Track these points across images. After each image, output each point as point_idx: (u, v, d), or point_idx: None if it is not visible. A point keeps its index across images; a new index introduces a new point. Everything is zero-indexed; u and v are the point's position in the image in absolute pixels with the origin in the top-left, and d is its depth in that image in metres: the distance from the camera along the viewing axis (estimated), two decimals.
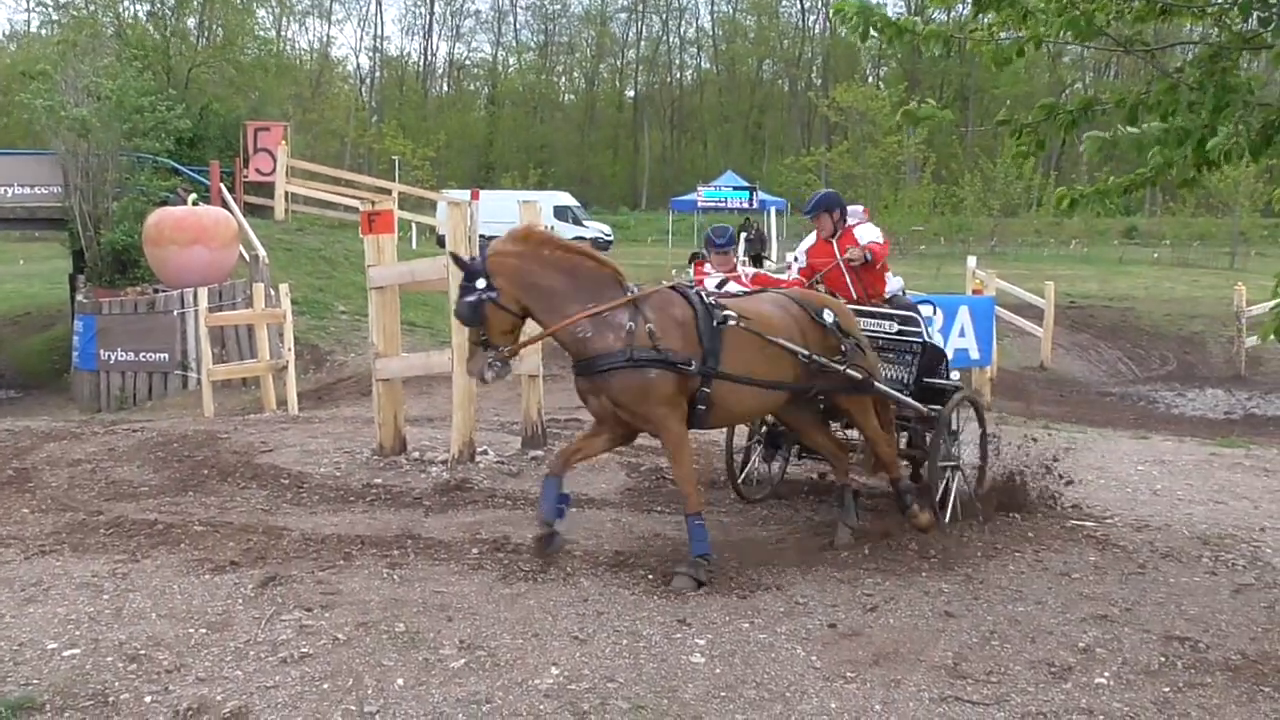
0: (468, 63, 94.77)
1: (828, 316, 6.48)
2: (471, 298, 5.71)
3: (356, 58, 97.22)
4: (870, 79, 72.01)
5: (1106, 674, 4.92)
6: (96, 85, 22.90)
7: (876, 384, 6.68)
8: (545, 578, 5.79)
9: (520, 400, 8.98)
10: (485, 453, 8.41)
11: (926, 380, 7.33)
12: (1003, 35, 5.70)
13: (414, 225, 34.84)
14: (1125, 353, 24.35)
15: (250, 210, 25.35)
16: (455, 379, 8.05)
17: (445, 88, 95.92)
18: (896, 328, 7.37)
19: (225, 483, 7.77)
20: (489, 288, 5.68)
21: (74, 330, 20.72)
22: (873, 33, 5.69)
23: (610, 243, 52.62)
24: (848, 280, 7.71)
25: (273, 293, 17.30)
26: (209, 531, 6.50)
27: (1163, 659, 5.11)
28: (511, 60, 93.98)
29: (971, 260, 19.28)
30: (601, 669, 4.80)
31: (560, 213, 43.98)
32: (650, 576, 5.91)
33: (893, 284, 8.11)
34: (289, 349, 14.75)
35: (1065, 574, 6.23)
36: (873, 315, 7.44)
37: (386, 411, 8.66)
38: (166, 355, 19.03)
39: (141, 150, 23.77)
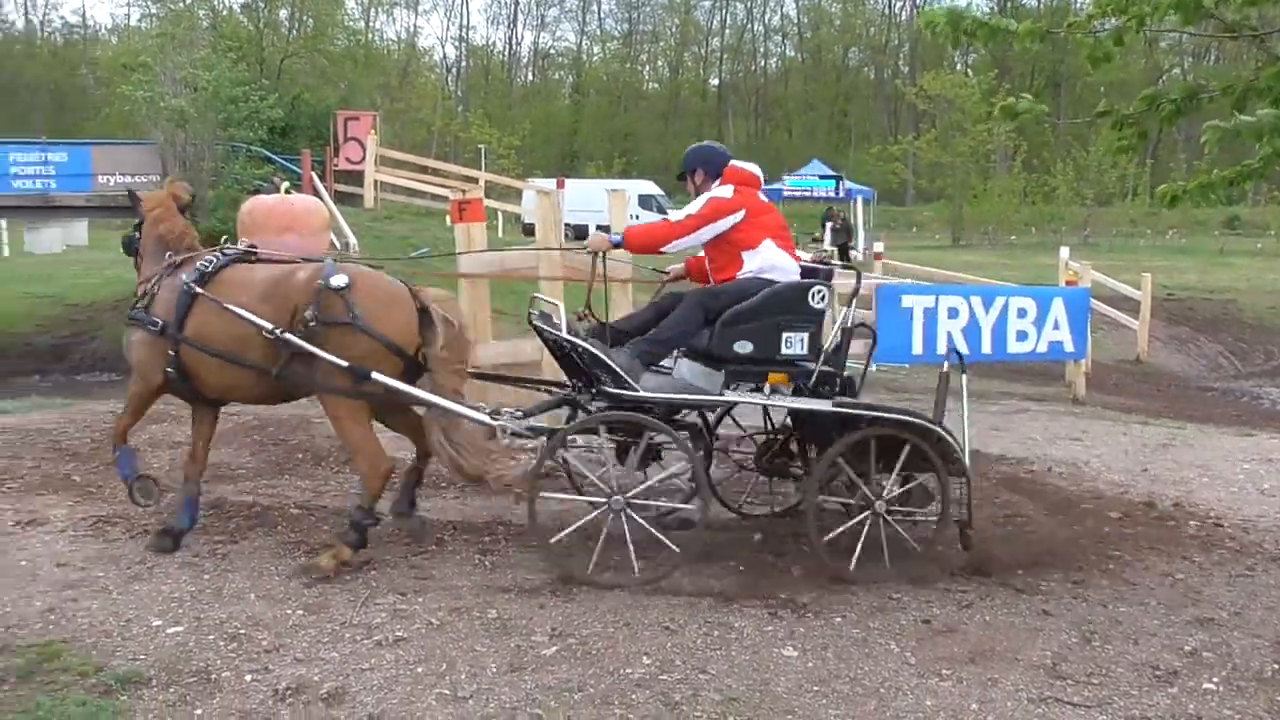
0: (552, 51, 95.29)
1: (336, 282, 5.64)
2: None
3: (443, 47, 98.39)
4: (958, 67, 70.98)
5: (1215, 679, 4.78)
6: (193, 77, 23.45)
7: (379, 379, 5.59)
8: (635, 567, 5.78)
9: None
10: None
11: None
12: (1101, 24, 5.54)
13: (500, 213, 35.07)
14: (1227, 347, 23.70)
15: (340, 198, 25.71)
16: (544, 367, 8.06)
17: (530, 77, 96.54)
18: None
19: (319, 467, 7.87)
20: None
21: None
22: (964, 38, 5.58)
23: None
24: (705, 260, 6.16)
25: None
26: (304, 515, 6.59)
27: (1276, 666, 4.95)
28: (596, 49, 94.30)
29: (1064, 251, 18.88)
30: (693, 660, 4.78)
31: (645, 201, 44.02)
32: (742, 569, 5.87)
33: (754, 262, 5.88)
34: None
35: (1168, 575, 6.07)
36: None
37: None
38: None
39: (236, 139, 24.26)
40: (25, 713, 4.25)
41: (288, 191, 21.04)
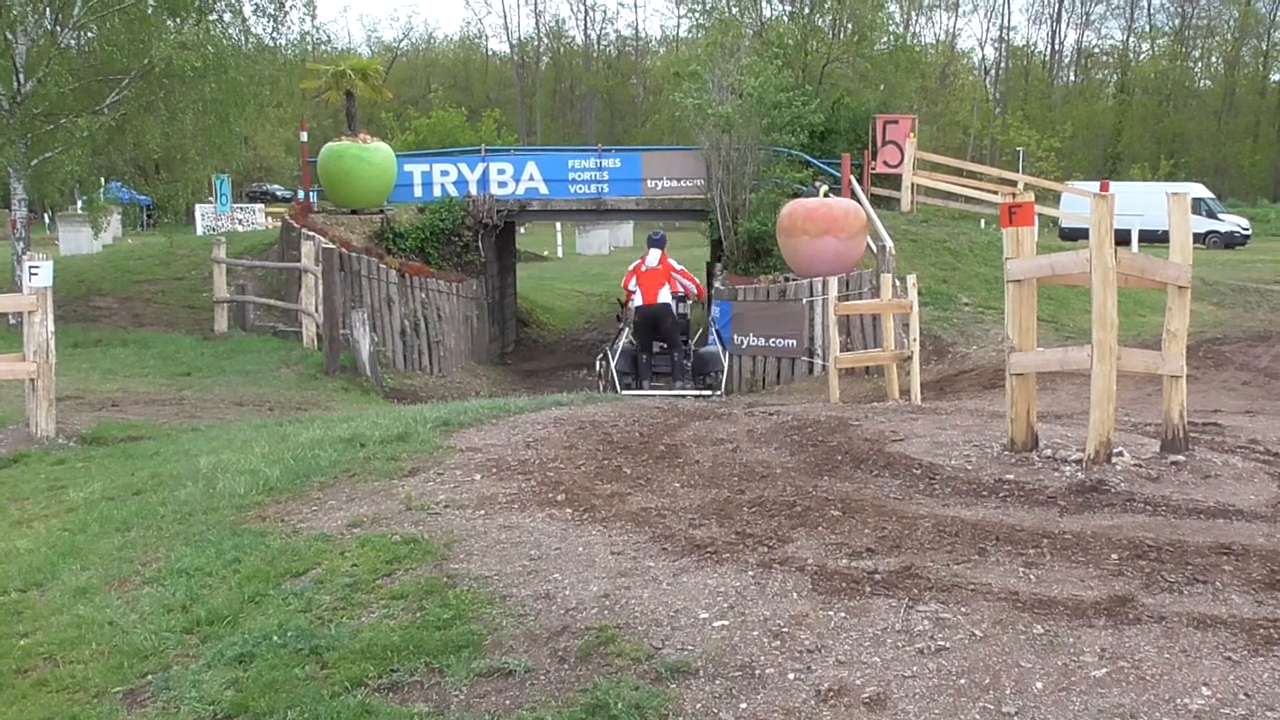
0: (1096, 50, 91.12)
1: None
2: None
3: (982, 49, 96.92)
4: None
5: None
6: (740, 83, 24.52)
7: None
8: (1190, 590, 5.42)
9: (1157, 400, 8.52)
10: (1121, 454, 8.03)
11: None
12: None
13: (1037, 217, 34.14)
14: None
15: (877, 201, 25.98)
16: (1094, 376, 7.75)
17: (1071, 77, 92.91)
18: None
19: (859, 469, 7.99)
20: None
21: (710, 315, 22.36)
22: None
23: (1247, 237, 48.61)
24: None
25: (898, 283, 17.62)
26: (844, 517, 6.73)
27: None
28: (1144, 46, 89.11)
29: None
30: (1260, 696, 4.40)
31: (1194, 205, 41.30)
32: None
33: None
34: (914, 339, 14.93)
35: None
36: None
37: (1019, 406, 8.52)
38: (795, 341, 20.06)
39: (778, 144, 25.14)
40: (584, 691, 4.65)
41: (827, 195, 21.79)
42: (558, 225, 53.79)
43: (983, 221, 37.94)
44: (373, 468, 8.40)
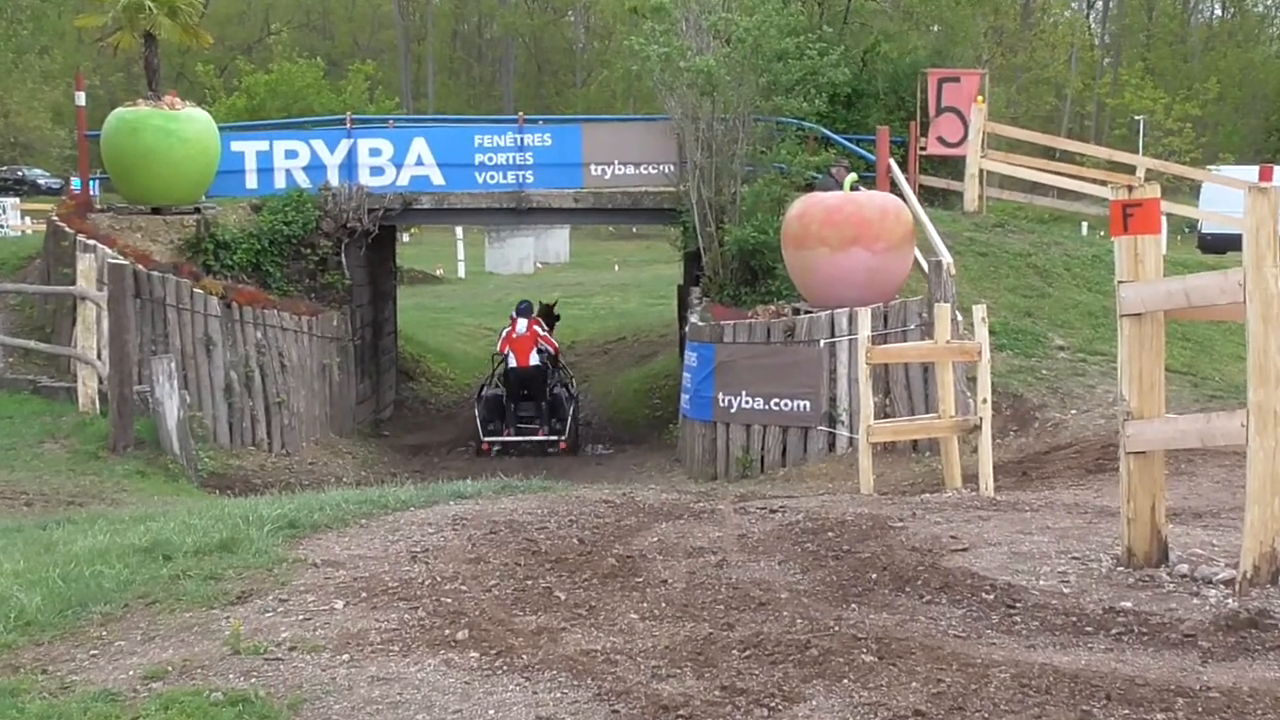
0: None
1: None
2: None
3: None
4: None
5: None
6: (727, 24, 24.49)
7: None
8: None
9: None
10: None
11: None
12: None
13: (1165, 219, 34.36)
14: None
15: (929, 196, 26.26)
16: (1252, 455, 7.80)
17: (1217, 10, 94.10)
18: None
19: (902, 593, 8.01)
20: None
21: (683, 364, 22.38)
22: None
23: None
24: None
25: (960, 317, 17.72)
26: (881, 664, 6.74)
27: None
28: None
29: None
30: None
31: None
32: None
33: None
34: (984, 400, 14.99)
35: None
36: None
37: (1140, 500, 8.56)
38: (809, 403, 20.11)
39: (783, 113, 25.20)
40: None
41: (854, 187, 21.91)
42: (458, 231, 53.94)
43: (1085, 226, 38.34)
44: (183, 592, 8.32)
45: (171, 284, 22.60)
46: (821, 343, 20.09)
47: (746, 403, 20.61)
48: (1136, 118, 63.01)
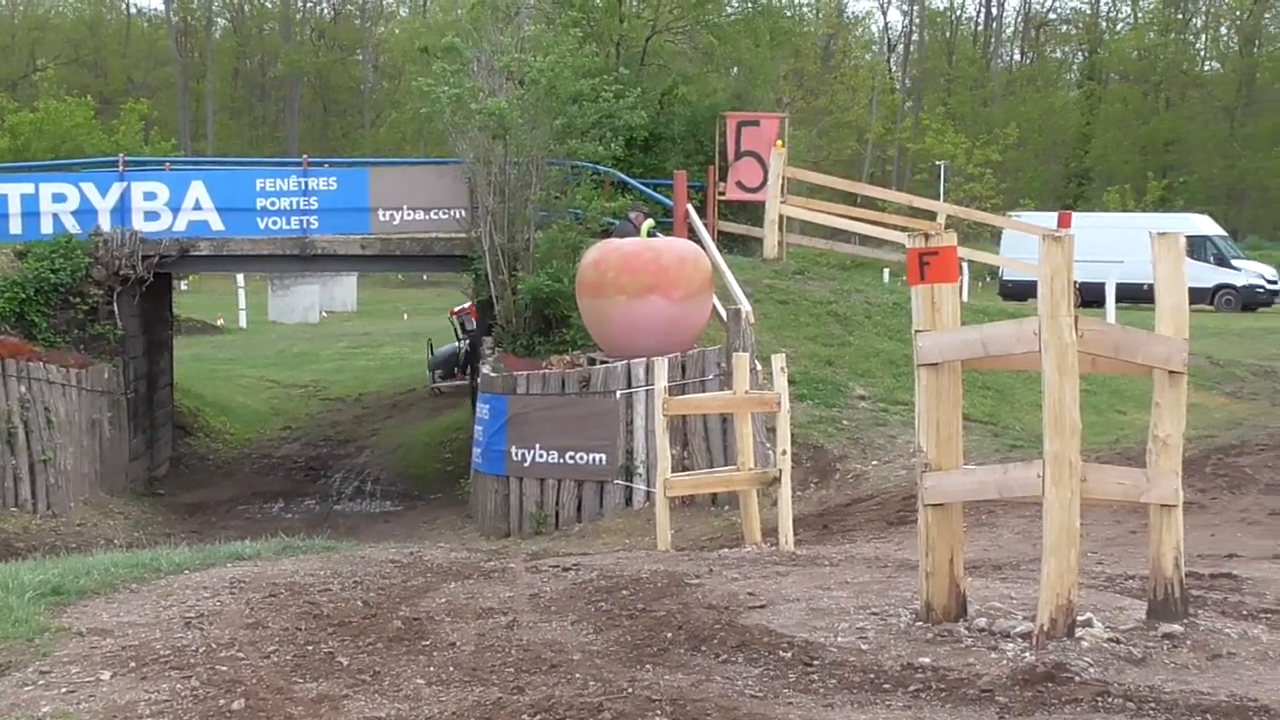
0: (1053, 18, 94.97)
1: None
2: None
3: (884, 15, 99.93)
4: None
5: None
6: (520, 65, 24.53)
7: None
8: None
9: (1143, 541, 8.71)
10: (1089, 623, 8.20)
11: None
12: None
13: (966, 265, 34.94)
14: None
15: (729, 242, 26.48)
16: (1048, 508, 7.90)
17: (1017, 56, 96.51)
18: None
19: (698, 652, 7.99)
20: None
21: (475, 417, 22.27)
22: None
23: (1275, 294, 49.16)
24: None
25: (759, 366, 17.82)
26: None
27: None
28: (1122, 10, 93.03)
29: None
30: None
31: (1196, 246, 42.22)
32: None
33: None
34: (784, 451, 15.06)
35: None
36: None
37: (939, 553, 8.64)
38: (605, 456, 20.10)
39: (579, 157, 25.28)
40: None
41: (652, 233, 21.97)
42: (240, 279, 53.21)
43: (886, 273, 38.92)
44: None
45: None
46: (618, 393, 20.07)
47: (540, 456, 20.51)
48: (938, 163, 64.21)
